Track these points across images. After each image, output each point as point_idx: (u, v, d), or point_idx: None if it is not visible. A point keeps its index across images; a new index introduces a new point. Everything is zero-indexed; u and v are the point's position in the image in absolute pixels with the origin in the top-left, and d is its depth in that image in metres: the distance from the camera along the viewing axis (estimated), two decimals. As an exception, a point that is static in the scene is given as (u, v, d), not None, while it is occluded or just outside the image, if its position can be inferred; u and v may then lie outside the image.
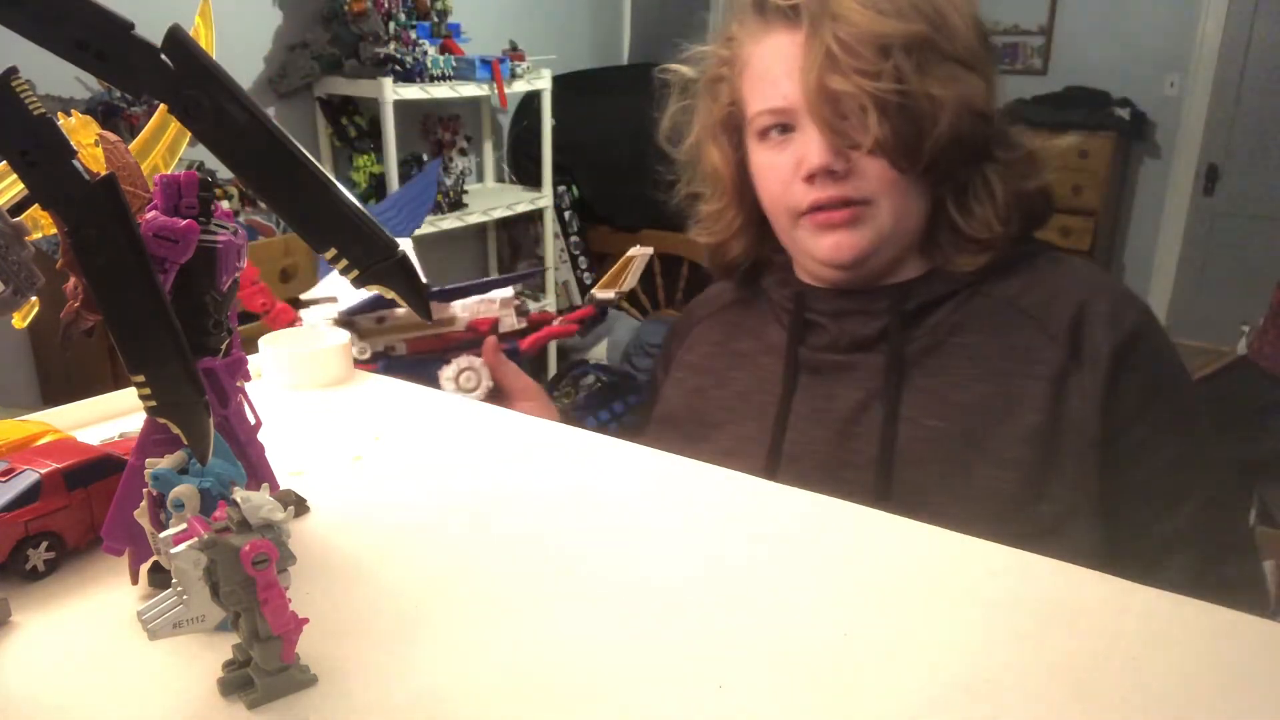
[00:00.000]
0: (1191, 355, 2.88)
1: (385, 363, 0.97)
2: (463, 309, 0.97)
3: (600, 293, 0.95)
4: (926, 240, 0.87)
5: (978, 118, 0.82)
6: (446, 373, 0.95)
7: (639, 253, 1.01)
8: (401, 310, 0.92)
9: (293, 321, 0.94)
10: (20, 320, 0.55)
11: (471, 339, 0.96)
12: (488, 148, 3.31)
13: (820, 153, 0.80)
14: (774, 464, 0.87)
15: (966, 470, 0.80)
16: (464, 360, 0.96)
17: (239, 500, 0.45)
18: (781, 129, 0.84)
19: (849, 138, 0.80)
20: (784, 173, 0.84)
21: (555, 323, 1.03)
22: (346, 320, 0.95)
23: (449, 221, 2.88)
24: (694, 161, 0.96)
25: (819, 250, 0.85)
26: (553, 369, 3.37)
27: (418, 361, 0.96)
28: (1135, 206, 4.44)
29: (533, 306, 1.09)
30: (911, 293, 0.86)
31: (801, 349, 0.89)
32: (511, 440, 0.79)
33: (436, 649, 0.51)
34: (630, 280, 0.98)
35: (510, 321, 0.94)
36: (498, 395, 0.98)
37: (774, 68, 0.83)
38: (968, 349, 0.84)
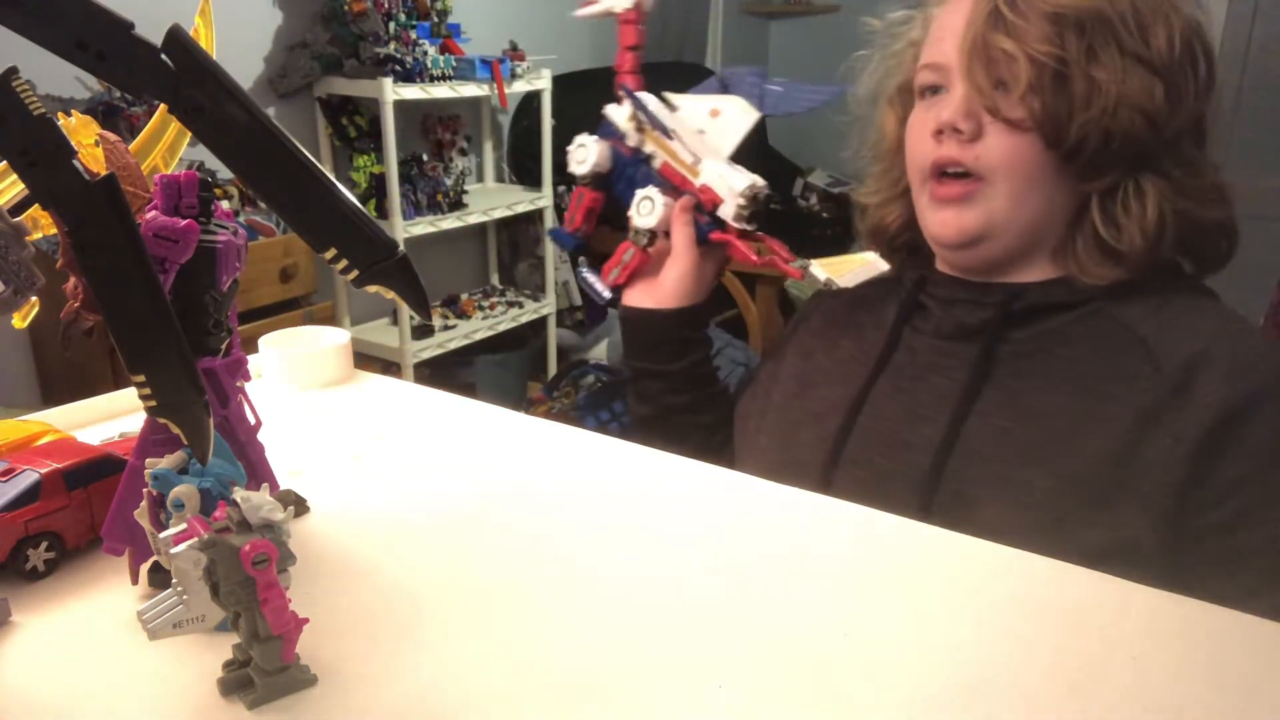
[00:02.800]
0: (1191, 355, 2.86)
1: (637, 164, 0.93)
2: (710, 167, 0.88)
3: (818, 269, 0.88)
4: (1062, 246, 0.82)
5: (1143, 120, 0.77)
6: (638, 194, 0.93)
7: (874, 260, 0.95)
8: (678, 147, 0.89)
9: None
10: (20, 320, 0.55)
11: (701, 200, 0.89)
12: (488, 148, 3.31)
13: (954, 108, 0.79)
14: (845, 434, 0.86)
15: (1019, 476, 0.76)
16: (654, 192, 0.92)
17: (239, 500, 0.45)
18: (934, 90, 0.83)
19: (990, 100, 0.78)
20: (924, 130, 0.83)
21: (757, 255, 0.90)
22: (643, 104, 0.90)
23: (449, 221, 2.88)
24: (871, 126, 0.96)
25: (931, 224, 0.85)
26: (553, 369, 3.37)
27: (657, 181, 0.92)
28: (1135, 206, 4.43)
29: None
30: (1026, 294, 0.83)
31: (906, 328, 0.89)
32: (511, 440, 0.79)
33: (436, 649, 0.51)
34: (848, 280, 0.92)
35: (729, 213, 0.86)
36: (655, 253, 0.94)
37: (944, 26, 0.82)
38: (1064, 360, 0.80)
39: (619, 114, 0.94)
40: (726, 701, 0.47)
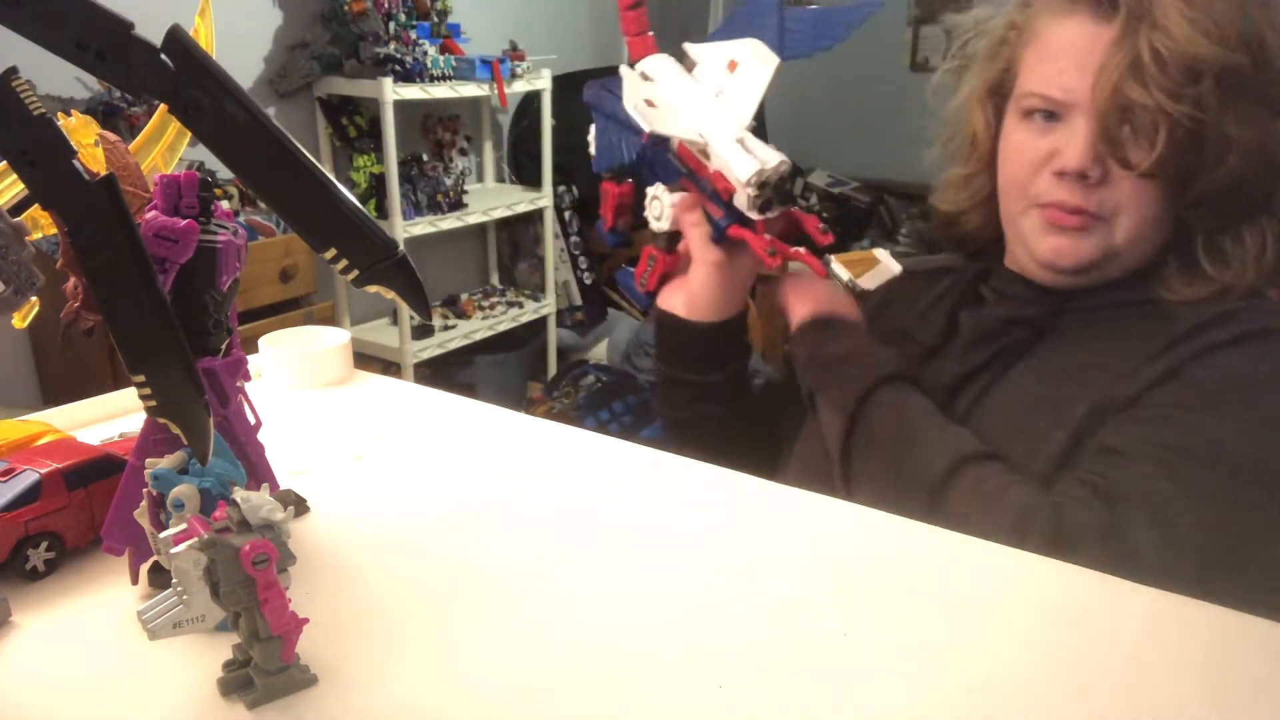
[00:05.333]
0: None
1: (654, 146, 0.81)
2: (719, 150, 0.76)
3: (839, 267, 0.81)
4: (1150, 260, 0.82)
5: (1268, 168, 0.77)
6: (647, 193, 0.84)
7: (885, 260, 0.85)
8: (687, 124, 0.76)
9: None
10: (20, 320, 0.55)
11: (717, 189, 0.78)
12: (488, 148, 3.31)
13: (1081, 156, 0.76)
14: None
15: (1029, 429, 0.77)
16: (660, 190, 0.82)
17: (239, 500, 0.45)
18: (1047, 115, 0.80)
19: (1121, 150, 0.76)
20: (1035, 158, 0.80)
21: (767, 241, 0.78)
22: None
23: (449, 221, 2.88)
24: (954, 122, 0.92)
25: (1039, 248, 0.82)
26: (553, 369, 3.37)
27: (667, 162, 0.81)
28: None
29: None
30: (1088, 299, 0.83)
31: (963, 312, 0.89)
32: (511, 440, 0.79)
33: (436, 649, 0.51)
34: (869, 281, 0.84)
35: (742, 203, 0.75)
36: (683, 251, 0.85)
37: (1064, 54, 0.78)
38: (1097, 328, 0.81)
39: (629, 92, 0.81)
40: (726, 701, 0.47)
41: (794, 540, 0.62)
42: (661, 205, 0.82)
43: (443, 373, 3.12)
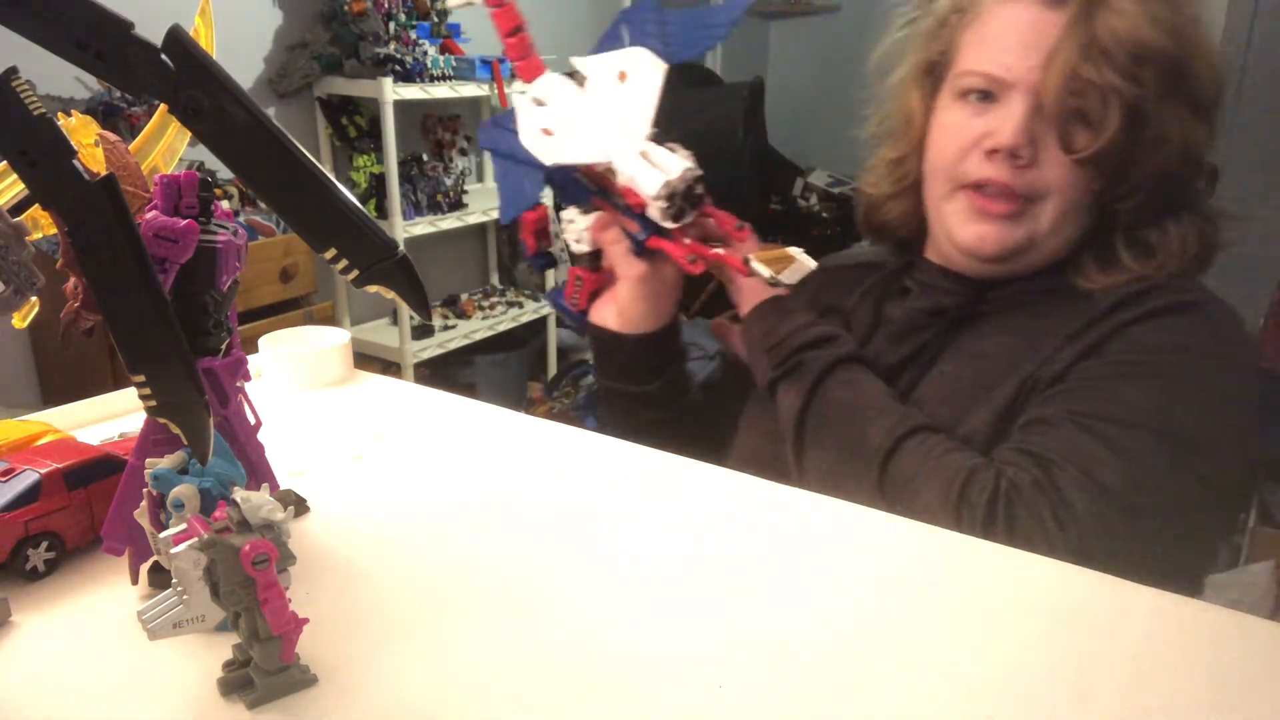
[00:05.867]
0: (1191, 355, 2.86)
1: (558, 171, 0.80)
2: (623, 166, 0.74)
3: (760, 265, 0.75)
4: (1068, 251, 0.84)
5: (1192, 162, 0.79)
6: (561, 217, 0.83)
7: (800, 257, 0.79)
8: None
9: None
10: (20, 320, 0.55)
11: (629, 203, 0.76)
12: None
13: (1015, 133, 0.77)
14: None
15: (962, 414, 0.79)
16: (574, 214, 0.81)
17: (239, 500, 0.45)
18: (982, 96, 0.81)
19: (1065, 129, 0.77)
20: (967, 139, 0.81)
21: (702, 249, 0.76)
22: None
23: (449, 221, 2.88)
24: (889, 101, 0.92)
25: (963, 234, 0.83)
26: (553, 369, 3.37)
27: (575, 183, 0.80)
28: (1135, 206, 4.44)
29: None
30: (1006, 288, 0.85)
31: (888, 304, 0.91)
32: (511, 440, 0.79)
33: (436, 649, 0.51)
34: (789, 277, 0.77)
35: (655, 215, 0.73)
36: (609, 268, 0.85)
37: (1008, 34, 0.79)
38: (1016, 313, 0.83)
39: (525, 125, 0.79)
40: (726, 701, 0.47)
41: (794, 540, 0.62)
42: (577, 229, 0.82)
43: (443, 373, 3.12)
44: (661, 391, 0.90)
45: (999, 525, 0.69)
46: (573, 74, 0.79)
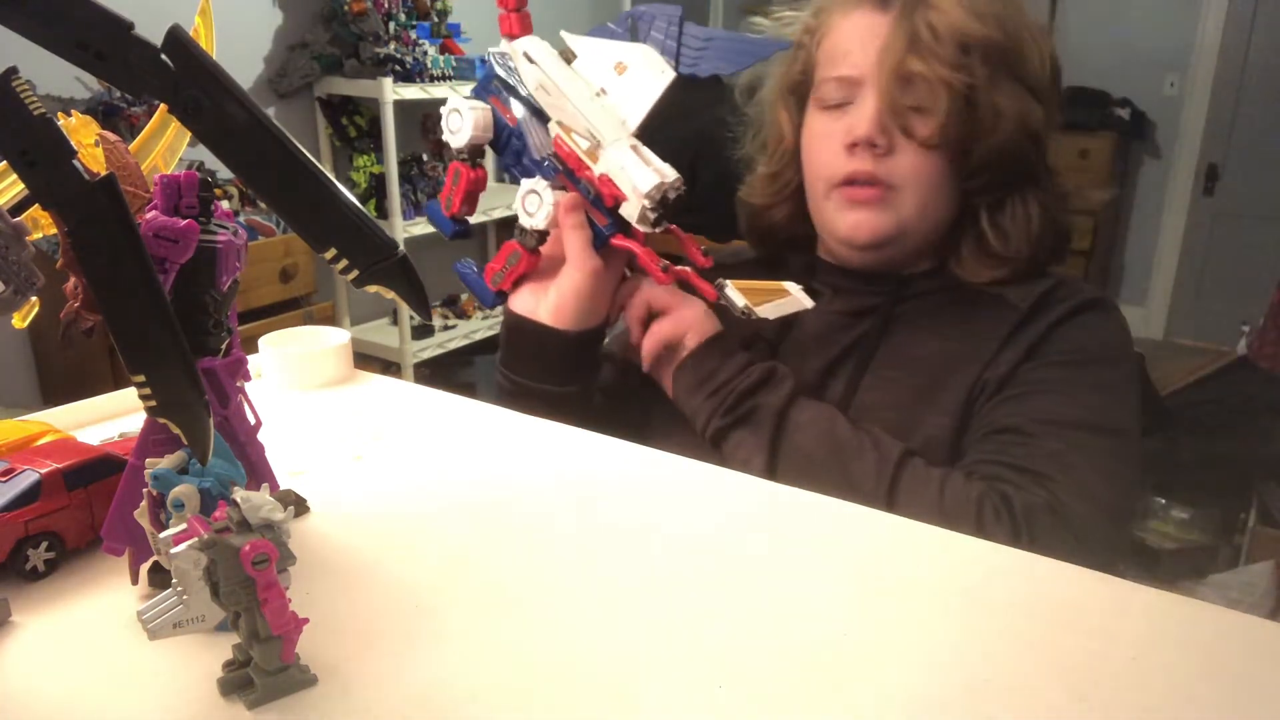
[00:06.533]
0: (1191, 355, 2.88)
1: (518, 136, 0.77)
2: (612, 155, 0.71)
3: (735, 293, 0.73)
4: (943, 244, 0.91)
5: (1031, 142, 0.86)
6: (523, 185, 0.79)
7: (797, 294, 0.75)
8: (573, 116, 0.73)
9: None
10: (20, 320, 0.55)
11: (601, 193, 0.73)
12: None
13: (869, 124, 0.84)
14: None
15: (914, 419, 0.84)
16: (541, 185, 0.76)
17: (239, 500, 0.45)
18: (839, 103, 0.87)
19: (905, 121, 0.83)
20: (833, 141, 0.87)
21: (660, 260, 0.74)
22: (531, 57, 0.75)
23: (449, 221, 2.88)
24: (760, 121, 0.99)
25: (841, 226, 0.89)
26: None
27: (545, 158, 0.76)
28: (1135, 206, 4.44)
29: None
30: (913, 284, 0.92)
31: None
32: (511, 439, 0.79)
33: (437, 649, 0.51)
34: (769, 311, 0.75)
35: (632, 214, 0.70)
36: (546, 255, 0.82)
37: (850, 40, 0.87)
38: (945, 319, 0.90)
39: (527, 72, 0.75)
40: (727, 701, 0.47)
41: (794, 540, 0.62)
42: (541, 201, 0.76)
43: (443, 373, 3.12)
44: (577, 397, 0.87)
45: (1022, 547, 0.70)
46: (563, 46, 0.78)
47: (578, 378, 0.86)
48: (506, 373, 0.88)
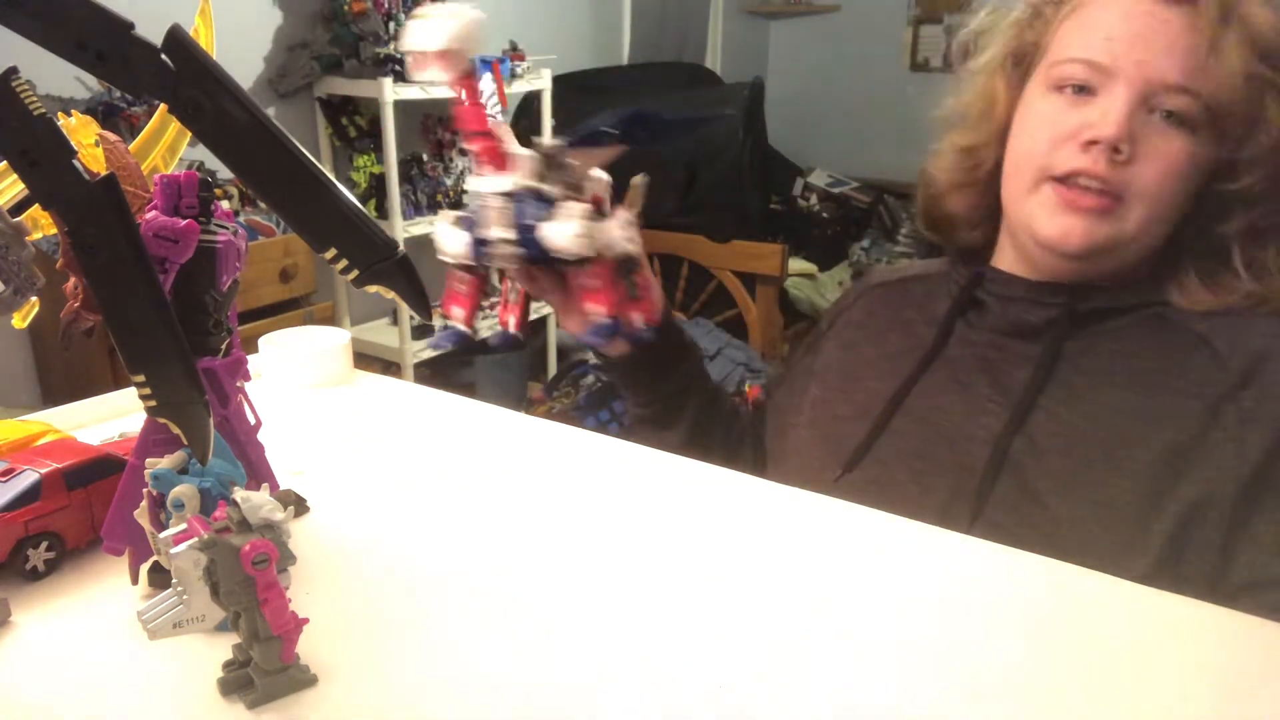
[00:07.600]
0: None
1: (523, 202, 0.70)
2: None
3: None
4: (1157, 265, 0.80)
5: None
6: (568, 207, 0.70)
7: (639, 181, 0.73)
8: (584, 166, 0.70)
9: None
10: (20, 320, 0.55)
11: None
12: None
13: (1119, 126, 0.73)
14: (884, 421, 0.83)
15: (1090, 471, 0.73)
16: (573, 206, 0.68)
17: (239, 500, 0.45)
18: (1079, 88, 0.77)
19: (1222, 134, 0.74)
20: (1060, 131, 0.77)
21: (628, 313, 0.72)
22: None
23: (449, 221, 2.88)
24: (970, 85, 0.88)
25: (1047, 227, 0.78)
26: (553, 369, 3.37)
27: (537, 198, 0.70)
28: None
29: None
30: (1092, 296, 0.80)
31: (960, 323, 0.85)
32: (511, 440, 0.79)
33: (436, 649, 0.51)
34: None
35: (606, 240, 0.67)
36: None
37: (1118, 24, 0.76)
38: (1125, 357, 0.78)
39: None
40: (728, 702, 0.47)
41: (794, 541, 0.62)
42: (575, 222, 0.68)
43: (443, 373, 3.12)
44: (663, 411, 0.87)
45: None
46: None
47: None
48: (632, 407, 0.90)
